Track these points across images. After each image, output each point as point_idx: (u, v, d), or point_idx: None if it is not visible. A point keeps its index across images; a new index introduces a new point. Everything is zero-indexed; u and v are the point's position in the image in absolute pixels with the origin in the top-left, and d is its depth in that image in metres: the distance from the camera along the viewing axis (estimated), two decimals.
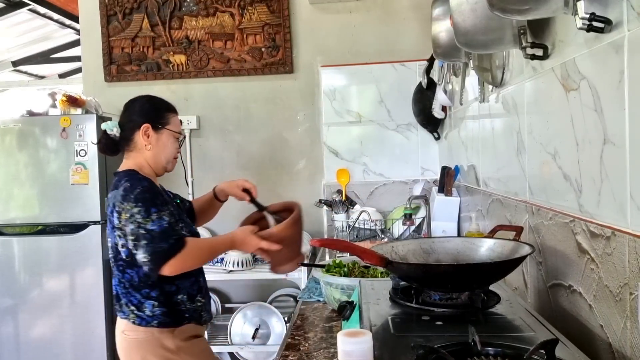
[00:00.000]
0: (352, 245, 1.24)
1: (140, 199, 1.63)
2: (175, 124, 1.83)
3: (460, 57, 1.83)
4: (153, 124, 1.78)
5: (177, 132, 1.82)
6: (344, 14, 3.37)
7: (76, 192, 2.89)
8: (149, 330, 1.68)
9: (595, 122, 1.04)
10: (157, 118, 1.79)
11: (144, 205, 1.62)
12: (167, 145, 1.80)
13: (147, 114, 1.80)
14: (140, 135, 1.77)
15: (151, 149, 1.77)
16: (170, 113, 1.84)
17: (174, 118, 1.84)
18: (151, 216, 1.62)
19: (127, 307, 1.71)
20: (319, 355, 1.34)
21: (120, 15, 3.47)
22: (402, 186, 3.25)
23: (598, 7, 0.97)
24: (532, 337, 0.97)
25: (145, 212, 1.62)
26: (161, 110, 1.82)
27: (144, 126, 1.76)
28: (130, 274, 1.70)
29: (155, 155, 1.78)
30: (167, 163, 1.82)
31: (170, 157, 1.82)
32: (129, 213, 1.62)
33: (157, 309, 1.68)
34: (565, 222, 1.20)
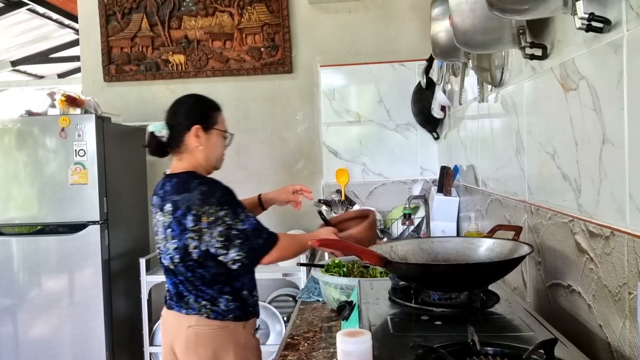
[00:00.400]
0: (352, 245, 1.24)
1: (224, 201, 1.68)
2: (222, 123, 1.86)
3: (459, 57, 1.83)
4: (203, 125, 1.79)
5: (224, 130, 1.86)
6: (343, 13, 3.37)
7: (75, 192, 2.89)
8: (224, 323, 1.73)
9: (594, 122, 1.04)
10: (206, 118, 1.81)
11: (230, 207, 1.67)
12: (217, 145, 1.83)
13: (197, 115, 1.81)
14: (190, 136, 1.78)
15: (202, 149, 1.79)
16: (217, 112, 1.86)
17: (221, 116, 1.86)
18: (239, 216, 1.68)
19: (196, 302, 1.73)
20: (318, 355, 1.34)
21: (120, 15, 3.47)
22: (401, 186, 3.25)
23: (597, 7, 0.97)
24: (531, 337, 0.97)
25: (233, 214, 1.67)
26: (209, 110, 1.84)
27: (195, 128, 1.77)
28: (200, 272, 1.72)
29: (206, 156, 1.81)
30: (217, 162, 1.86)
31: (220, 156, 1.86)
32: (214, 216, 1.66)
33: (231, 303, 1.74)
34: (564, 222, 1.20)
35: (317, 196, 3.33)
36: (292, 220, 3.41)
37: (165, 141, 1.81)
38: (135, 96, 3.51)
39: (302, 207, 3.58)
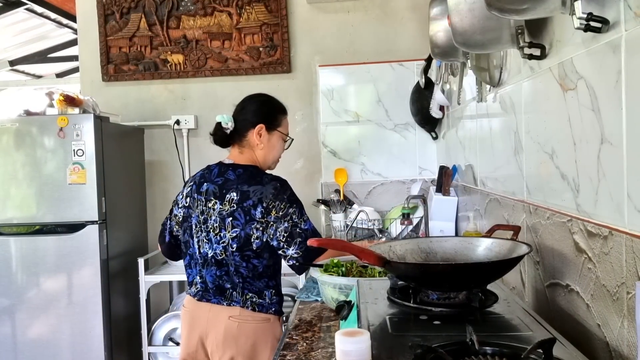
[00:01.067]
0: (350, 244, 1.24)
1: (294, 200, 1.78)
2: (285, 126, 1.93)
3: (458, 57, 1.83)
4: (267, 124, 1.87)
5: (286, 134, 1.93)
6: (342, 13, 3.37)
7: (73, 191, 2.88)
8: (267, 316, 1.79)
9: (593, 121, 1.04)
10: (271, 119, 1.89)
11: (297, 207, 1.77)
12: (276, 146, 1.91)
13: (264, 114, 1.89)
14: (254, 134, 1.86)
15: (262, 148, 1.87)
16: (283, 115, 1.94)
17: (285, 120, 1.94)
18: (304, 217, 1.78)
19: (242, 295, 1.78)
20: (317, 355, 1.34)
21: (118, 14, 3.47)
22: (400, 186, 3.25)
23: (595, 7, 0.97)
24: (529, 337, 0.97)
25: (300, 213, 1.77)
26: (276, 112, 1.92)
27: (259, 126, 1.86)
28: (254, 264, 1.78)
29: (264, 155, 1.89)
30: (273, 163, 1.93)
31: (277, 158, 1.94)
32: (282, 212, 1.74)
33: (274, 297, 1.82)
34: (563, 222, 1.20)
35: (316, 196, 3.34)
36: None
37: (229, 133, 1.89)
38: (133, 96, 3.51)
39: None
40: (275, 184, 1.79)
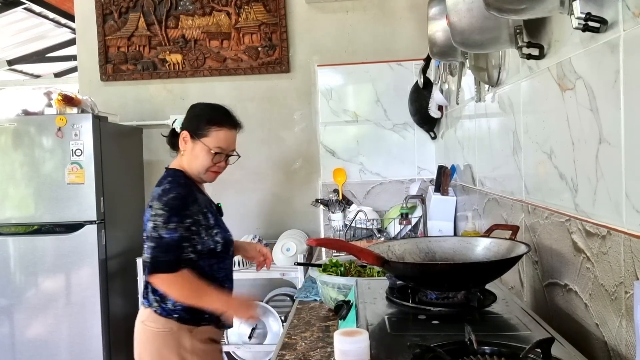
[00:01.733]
0: (349, 244, 1.24)
1: (170, 204, 1.70)
2: (214, 139, 1.82)
3: (456, 57, 1.83)
4: (192, 132, 1.84)
5: (210, 147, 1.81)
6: (341, 13, 3.37)
7: (72, 191, 2.88)
8: (168, 322, 1.74)
9: (591, 121, 1.04)
10: (196, 128, 1.84)
11: (169, 211, 1.69)
12: (199, 157, 1.83)
13: (190, 121, 1.87)
14: (180, 139, 1.86)
15: (185, 155, 1.85)
16: (214, 127, 1.83)
17: (217, 132, 1.83)
18: (169, 225, 1.68)
19: (152, 295, 1.78)
20: (316, 355, 1.34)
21: (116, 14, 3.46)
22: (399, 185, 3.25)
23: (594, 7, 0.97)
24: (528, 336, 0.98)
25: (167, 219, 1.68)
26: (206, 122, 1.84)
27: (183, 132, 1.86)
28: None
29: (188, 162, 1.84)
30: (199, 174, 1.84)
31: (201, 169, 1.83)
32: (155, 212, 1.70)
33: (178, 304, 1.74)
34: (561, 221, 1.20)
35: (315, 196, 3.34)
36: (291, 220, 3.41)
37: None
38: (132, 96, 3.51)
39: (300, 208, 3.59)
40: (166, 186, 1.75)
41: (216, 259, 1.81)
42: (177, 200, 1.72)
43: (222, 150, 1.84)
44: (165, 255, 1.68)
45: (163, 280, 1.69)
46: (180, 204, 1.72)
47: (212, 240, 1.79)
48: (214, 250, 1.79)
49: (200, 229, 1.76)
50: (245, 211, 3.39)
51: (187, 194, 1.76)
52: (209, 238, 1.78)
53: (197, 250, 1.74)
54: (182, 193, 1.74)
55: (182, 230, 1.70)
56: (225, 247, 1.83)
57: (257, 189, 3.43)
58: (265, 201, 3.45)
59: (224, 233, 1.85)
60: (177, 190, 1.74)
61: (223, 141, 1.84)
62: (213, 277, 1.78)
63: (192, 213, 1.73)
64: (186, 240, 1.71)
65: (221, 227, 1.86)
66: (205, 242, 1.77)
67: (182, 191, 1.74)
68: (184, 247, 1.71)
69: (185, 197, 1.74)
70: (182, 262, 1.70)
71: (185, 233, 1.70)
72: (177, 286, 1.70)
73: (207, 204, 1.85)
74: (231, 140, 1.87)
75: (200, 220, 1.76)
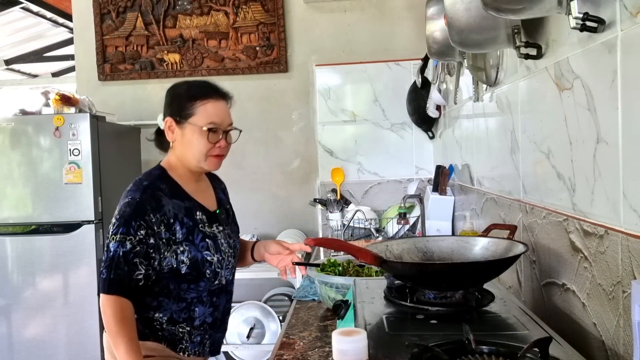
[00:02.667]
0: (347, 244, 1.24)
1: (121, 212, 1.46)
2: (203, 115, 1.53)
3: (454, 57, 1.83)
4: (175, 116, 1.55)
5: (201, 125, 1.52)
6: (339, 13, 3.37)
7: (70, 191, 2.87)
8: (151, 346, 1.50)
9: (589, 121, 1.04)
10: (178, 110, 1.55)
11: (119, 219, 1.44)
12: (192, 142, 1.53)
13: (170, 105, 1.58)
14: (166, 130, 1.58)
15: (177, 145, 1.57)
16: (198, 101, 1.54)
17: (204, 106, 1.54)
18: (117, 235, 1.42)
19: None
20: (314, 355, 1.34)
21: (114, 13, 3.46)
22: (397, 185, 3.25)
23: (591, 6, 0.97)
24: (526, 335, 0.98)
25: (115, 228, 1.44)
26: (184, 99, 1.55)
27: (166, 120, 1.57)
28: None
29: (182, 152, 1.56)
30: (198, 162, 1.55)
31: (200, 155, 1.54)
32: (112, 219, 1.48)
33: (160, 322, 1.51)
34: (559, 221, 1.20)
35: (313, 195, 3.34)
36: (289, 219, 3.41)
37: None
38: (130, 95, 3.50)
39: (298, 207, 3.57)
40: (130, 186, 1.52)
41: (184, 281, 1.51)
42: (129, 207, 1.45)
43: (216, 125, 1.54)
44: (106, 271, 1.41)
45: (102, 303, 1.42)
46: (132, 212, 1.44)
47: (174, 259, 1.48)
48: (177, 271, 1.49)
49: (159, 243, 1.46)
50: (243, 211, 3.38)
51: (145, 200, 1.46)
52: (170, 255, 1.48)
53: (154, 267, 1.46)
54: (137, 199, 1.46)
55: (132, 243, 1.41)
56: (194, 268, 1.50)
57: (255, 188, 3.43)
58: (263, 201, 3.45)
59: (195, 251, 1.50)
60: (132, 194, 1.48)
61: (214, 115, 1.55)
62: (179, 297, 1.51)
63: (149, 223, 1.44)
64: (138, 256, 1.42)
65: (195, 243, 1.51)
66: (166, 259, 1.48)
67: (138, 196, 1.46)
68: (132, 264, 1.41)
69: (141, 204, 1.45)
70: (127, 282, 1.41)
71: (138, 247, 1.42)
72: (103, 310, 1.41)
73: (182, 213, 1.51)
74: (224, 113, 1.58)
75: (161, 233, 1.45)
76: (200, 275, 1.52)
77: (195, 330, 1.54)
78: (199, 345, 1.56)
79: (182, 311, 1.52)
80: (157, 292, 1.49)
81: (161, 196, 1.49)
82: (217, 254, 1.55)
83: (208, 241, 1.53)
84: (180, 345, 1.52)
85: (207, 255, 1.53)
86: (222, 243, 1.58)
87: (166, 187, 1.53)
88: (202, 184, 1.66)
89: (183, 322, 1.53)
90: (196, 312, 1.54)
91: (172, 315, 1.51)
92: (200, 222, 1.54)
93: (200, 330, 1.55)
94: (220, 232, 1.59)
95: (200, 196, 1.60)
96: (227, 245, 1.60)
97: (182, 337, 1.53)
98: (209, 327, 1.57)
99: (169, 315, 1.51)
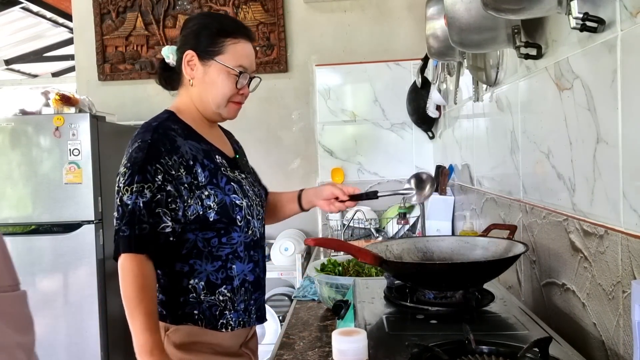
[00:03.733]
0: (347, 244, 1.24)
1: (132, 158, 1.28)
2: (233, 55, 1.37)
3: (454, 57, 1.83)
4: (199, 51, 1.37)
5: (230, 66, 1.37)
6: (339, 13, 3.37)
7: (70, 191, 2.87)
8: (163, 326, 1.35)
9: (589, 121, 1.04)
10: (206, 44, 1.37)
11: (131, 167, 1.27)
12: (217, 83, 1.37)
13: (194, 37, 1.39)
14: (184, 64, 1.39)
15: (195, 84, 1.39)
16: (230, 39, 1.38)
17: (235, 46, 1.38)
18: (132, 185, 1.25)
19: None
20: (314, 355, 1.34)
21: (114, 13, 3.46)
22: (397, 185, 3.25)
23: (591, 6, 0.97)
24: (525, 335, 0.98)
25: (129, 177, 1.26)
26: (214, 34, 1.38)
27: (187, 53, 1.38)
28: None
29: (199, 93, 1.39)
30: (218, 107, 1.39)
31: (221, 100, 1.38)
32: (120, 170, 1.30)
33: (158, 291, 1.33)
34: (559, 221, 1.20)
35: None
36: (288, 220, 3.40)
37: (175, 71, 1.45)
38: (130, 95, 3.50)
39: None
40: (138, 130, 1.35)
41: (213, 231, 1.34)
42: (140, 151, 1.27)
43: (245, 69, 1.39)
44: (128, 228, 1.24)
45: (124, 264, 1.24)
46: (145, 156, 1.26)
47: (200, 205, 1.31)
48: (204, 219, 1.31)
49: (181, 189, 1.28)
50: None
51: (157, 140, 1.29)
52: (195, 202, 1.30)
53: (178, 219, 1.28)
54: (148, 140, 1.28)
55: (151, 191, 1.25)
56: (223, 213, 1.33)
57: None
58: None
59: (222, 194, 1.33)
60: (142, 137, 1.30)
61: (244, 57, 1.39)
62: (212, 255, 1.34)
63: (166, 167, 1.27)
64: (160, 205, 1.25)
65: (221, 187, 1.34)
66: (190, 207, 1.30)
67: (149, 137, 1.29)
68: (155, 215, 1.24)
69: (154, 145, 1.28)
70: (153, 239, 1.24)
71: (158, 194, 1.25)
72: (124, 273, 1.23)
73: (200, 155, 1.35)
74: (252, 57, 1.43)
75: (181, 177, 1.29)
76: (231, 222, 1.34)
77: (237, 293, 1.37)
78: (243, 313, 1.39)
79: (219, 271, 1.35)
80: (186, 254, 1.32)
81: (175, 136, 1.33)
82: (246, 199, 1.38)
83: (234, 185, 1.37)
84: (222, 320, 1.35)
85: (236, 199, 1.36)
86: (248, 189, 1.41)
87: (178, 127, 1.36)
88: (216, 131, 1.50)
89: (222, 285, 1.35)
90: (234, 270, 1.37)
91: (209, 278, 1.34)
92: (222, 166, 1.38)
93: (242, 292, 1.38)
94: (244, 178, 1.43)
95: (217, 141, 1.45)
96: (254, 193, 1.44)
97: (225, 306, 1.35)
98: (252, 286, 1.41)
99: (205, 280, 1.33)
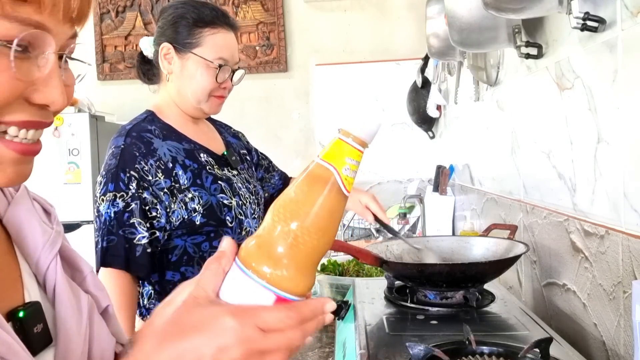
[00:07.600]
0: (347, 244, 1.24)
1: (107, 165, 1.22)
2: (212, 47, 1.28)
3: (454, 56, 1.83)
4: (176, 43, 1.28)
5: (209, 59, 1.27)
6: (339, 12, 3.36)
7: (69, 191, 2.87)
8: None
9: (589, 121, 1.04)
10: (183, 36, 1.28)
11: (106, 175, 1.21)
12: (195, 77, 1.28)
13: (169, 28, 1.30)
14: (161, 58, 1.30)
15: (172, 79, 1.31)
16: (205, 29, 1.28)
17: (214, 37, 1.28)
18: (106, 194, 1.18)
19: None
20: (314, 355, 1.34)
21: (113, 13, 3.45)
22: (397, 185, 3.25)
23: (592, 6, 0.97)
24: (526, 336, 0.98)
25: (103, 186, 1.20)
26: (188, 24, 1.28)
27: (163, 46, 1.29)
28: None
29: (179, 89, 1.31)
30: (198, 102, 1.30)
31: (201, 95, 1.29)
32: (98, 178, 1.25)
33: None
34: (560, 221, 1.20)
35: None
36: None
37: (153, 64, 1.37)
38: (129, 95, 3.49)
39: None
40: (115, 134, 1.29)
41: (202, 235, 1.25)
42: (114, 157, 1.20)
43: (225, 61, 1.30)
44: (101, 240, 1.17)
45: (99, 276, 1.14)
46: (117, 163, 1.19)
47: (184, 209, 1.22)
48: (190, 223, 1.22)
49: (160, 194, 1.19)
50: None
51: (130, 144, 1.22)
52: (179, 207, 1.21)
53: (161, 227, 1.20)
54: (122, 145, 1.22)
55: (124, 200, 1.17)
56: (210, 216, 1.23)
57: None
58: None
59: (207, 195, 1.24)
60: (115, 142, 1.23)
61: (225, 48, 1.30)
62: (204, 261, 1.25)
63: (142, 173, 1.19)
64: (134, 215, 1.17)
65: (206, 187, 1.25)
66: (174, 212, 1.21)
67: (122, 142, 1.22)
68: (128, 226, 1.16)
69: (127, 150, 1.21)
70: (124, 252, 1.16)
71: (132, 203, 1.17)
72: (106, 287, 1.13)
73: (181, 155, 1.26)
74: (234, 48, 1.34)
75: (159, 182, 1.20)
76: (220, 224, 1.25)
77: None
78: None
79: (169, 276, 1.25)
80: (177, 261, 1.24)
81: (151, 138, 1.25)
82: (236, 198, 1.29)
83: (221, 184, 1.28)
84: None
85: (223, 199, 1.27)
86: (240, 187, 1.33)
87: (155, 128, 1.29)
88: (202, 126, 1.41)
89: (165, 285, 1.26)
90: None
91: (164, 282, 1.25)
92: (208, 164, 1.29)
93: None
94: (235, 175, 1.34)
95: (202, 137, 1.36)
96: (247, 190, 1.35)
97: None
98: None
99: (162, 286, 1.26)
